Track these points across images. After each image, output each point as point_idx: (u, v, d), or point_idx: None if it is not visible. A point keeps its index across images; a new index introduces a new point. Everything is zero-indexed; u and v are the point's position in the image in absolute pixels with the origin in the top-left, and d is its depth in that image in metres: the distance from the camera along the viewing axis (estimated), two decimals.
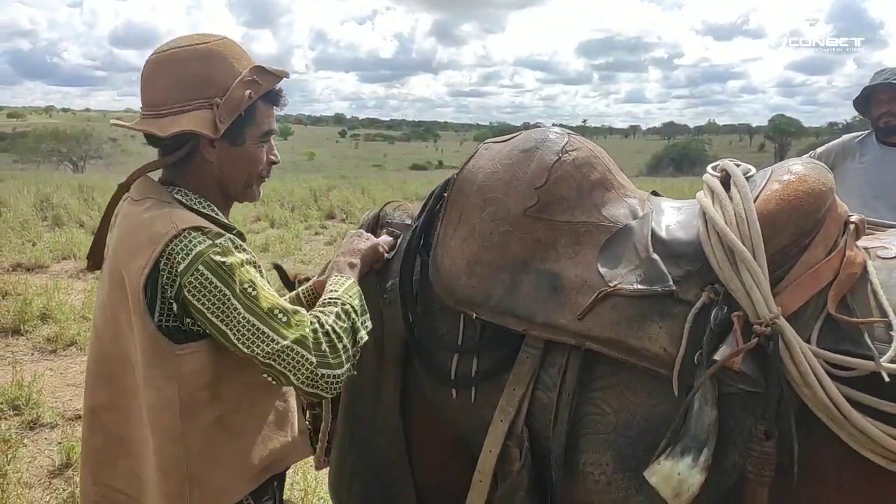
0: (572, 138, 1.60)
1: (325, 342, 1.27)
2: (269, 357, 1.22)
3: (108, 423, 1.33)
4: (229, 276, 1.22)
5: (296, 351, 1.23)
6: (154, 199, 1.31)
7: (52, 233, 9.59)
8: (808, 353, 1.20)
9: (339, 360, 1.28)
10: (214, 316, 1.21)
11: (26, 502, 3.00)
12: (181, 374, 1.24)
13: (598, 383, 1.37)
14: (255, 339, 1.22)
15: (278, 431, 1.41)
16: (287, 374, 1.23)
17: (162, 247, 1.22)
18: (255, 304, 1.23)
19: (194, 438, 1.26)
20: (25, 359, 4.82)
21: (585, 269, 1.43)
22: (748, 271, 1.26)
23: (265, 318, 1.23)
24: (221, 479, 1.31)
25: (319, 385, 1.25)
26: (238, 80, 1.33)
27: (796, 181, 1.36)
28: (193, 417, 1.26)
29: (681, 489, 1.19)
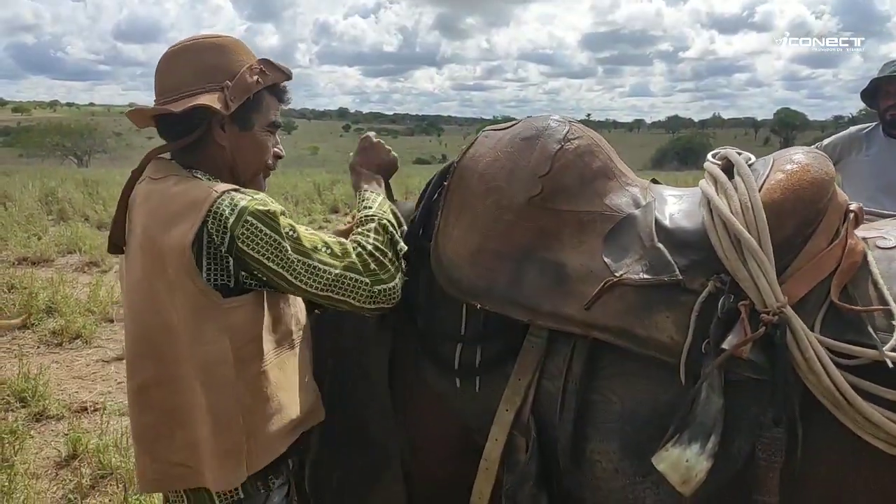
0: (573, 126, 1.59)
1: (371, 261, 1.38)
2: (326, 289, 1.33)
3: (158, 398, 1.35)
4: (275, 222, 1.31)
5: (349, 277, 1.35)
6: (177, 176, 1.38)
7: (58, 227, 9.63)
8: (813, 341, 1.21)
9: (389, 274, 1.40)
10: (270, 261, 1.29)
11: (33, 493, 3.02)
12: (231, 326, 1.31)
13: (604, 372, 1.38)
14: (310, 275, 1.32)
15: (305, 390, 1.47)
16: (347, 299, 1.35)
17: (206, 209, 1.28)
18: (300, 244, 1.32)
19: (245, 392, 1.32)
20: (32, 351, 4.85)
21: (590, 259, 1.43)
22: (755, 260, 1.26)
23: (311, 255, 1.33)
24: (268, 433, 1.35)
25: (379, 300, 1.38)
26: (247, 67, 1.43)
27: (800, 171, 1.37)
28: (244, 370, 1.32)
29: (689, 476, 1.21)
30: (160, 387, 1.35)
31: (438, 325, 1.55)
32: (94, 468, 3.24)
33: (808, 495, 1.25)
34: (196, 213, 1.27)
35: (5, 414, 3.81)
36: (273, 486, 1.43)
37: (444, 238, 1.55)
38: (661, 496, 1.30)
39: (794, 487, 1.23)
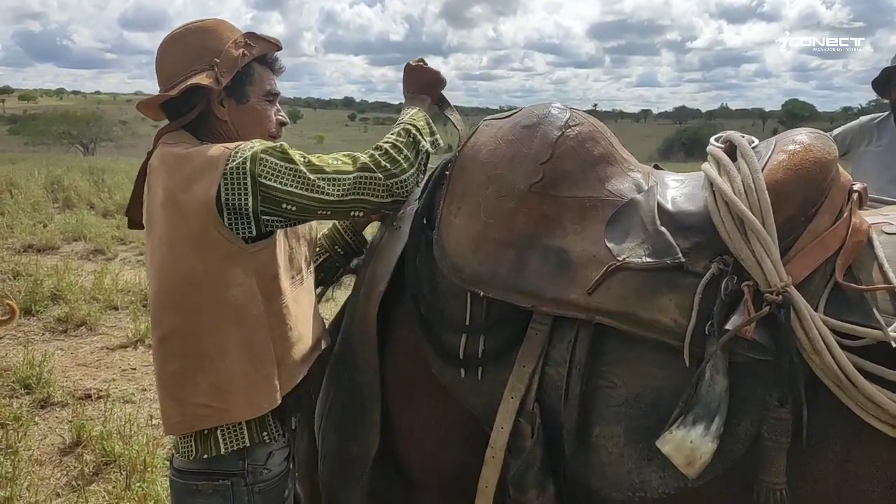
0: (574, 113, 1.59)
1: (382, 159, 1.50)
2: (349, 193, 1.44)
3: (181, 347, 1.43)
4: (286, 154, 1.41)
5: (364, 176, 1.47)
6: (188, 142, 1.48)
7: (63, 214, 9.66)
8: (817, 322, 1.20)
9: (400, 168, 1.52)
10: (296, 187, 1.40)
11: (37, 479, 3.04)
12: (257, 268, 1.42)
13: (608, 357, 1.38)
14: (332, 185, 1.43)
15: (315, 318, 1.62)
16: (367, 197, 1.47)
17: (223, 165, 1.37)
18: (313, 165, 1.43)
19: (275, 324, 1.45)
20: (37, 338, 4.87)
21: (593, 244, 1.43)
22: (758, 241, 1.26)
23: (326, 169, 1.44)
24: (293, 359, 1.49)
25: (394, 192, 1.51)
26: (231, 42, 1.52)
27: (802, 151, 1.37)
28: (270, 305, 1.44)
29: (693, 457, 1.21)
30: (182, 336, 1.42)
31: (442, 316, 1.55)
32: (97, 455, 3.26)
33: (814, 478, 1.24)
34: (215, 170, 1.37)
35: (10, 400, 3.83)
36: (277, 439, 1.49)
37: (446, 227, 1.55)
38: (667, 479, 1.29)
39: (800, 469, 1.23)
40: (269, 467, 1.47)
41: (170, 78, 1.50)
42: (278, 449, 1.51)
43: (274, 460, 1.48)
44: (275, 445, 1.49)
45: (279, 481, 1.49)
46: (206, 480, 1.42)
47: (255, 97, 1.55)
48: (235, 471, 1.43)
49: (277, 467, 1.49)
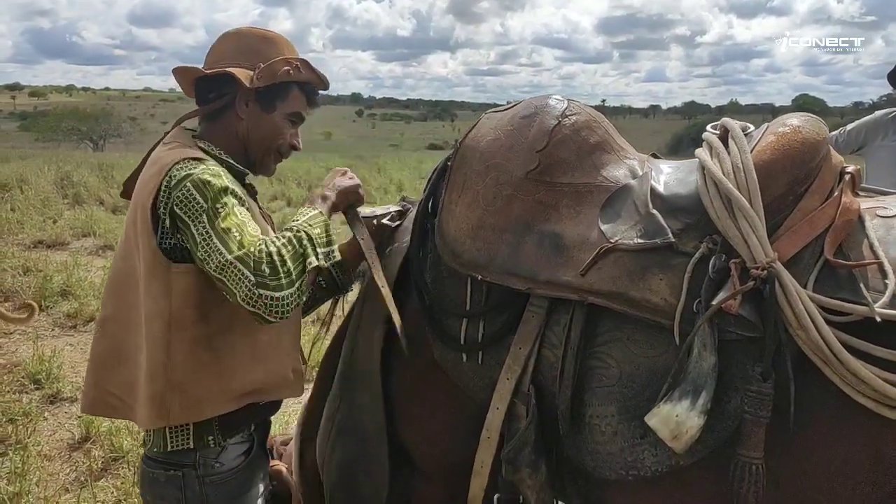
0: (572, 103, 1.63)
1: (265, 262, 1.32)
2: (218, 270, 1.33)
3: (112, 332, 1.49)
4: (207, 193, 1.36)
5: (237, 267, 1.31)
6: (180, 143, 1.50)
7: (73, 210, 9.70)
8: (803, 296, 1.22)
9: (278, 283, 1.32)
10: (193, 227, 1.35)
11: (46, 475, 3.06)
12: (173, 289, 1.39)
13: (601, 338, 1.40)
14: (210, 251, 1.33)
15: (263, 362, 1.52)
16: (232, 289, 1.32)
17: (166, 172, 1.39)
18: (219, 219, 1.35)
19: (178, 349, 1.40)
20: (46, 334, 4.89)
21: (587, 228, 1.46)
22: (745, 219, 1.28)
23: (221, 233, 1.34)
24: (201, 391, 1.42)
25: (258, 305, 1.31)
26: (283, 58, 1.57)
27: (791, 132, 1.39)
28: (180, 330, 1.40)
29: (679, 431, 1.22)
30: (115, 323, 1.48)
31: (444, 302, 1.59)
32: (105, 451, 3.27)
33: (798, 454, 1.25)
34: (159, 176, 1.39)
35: (20, 396, 3.85)
36: (226, 444, 1.50)
37: (447, 215, 1.60)
38: (660, 457, 1.31)
39: (785, 446, 1.24)
40: (222, 461, 1.50)
41: (214, 62, 1.57)
42: (234, 444, 1.52)
43: (227, 454, 1.51)
44: (226, 446, 1.51)
45: (235, 474, 1.52)
46: (162, 469, 1.48)
47: (280, 112, 1.59)
48: (188, 462, 1.47)
49: (232, 461, 1.51)
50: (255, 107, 1.56)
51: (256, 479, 1.59)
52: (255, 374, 1.50)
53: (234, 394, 1.47)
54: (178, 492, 1.46)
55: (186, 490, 1.46)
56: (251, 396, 1.51)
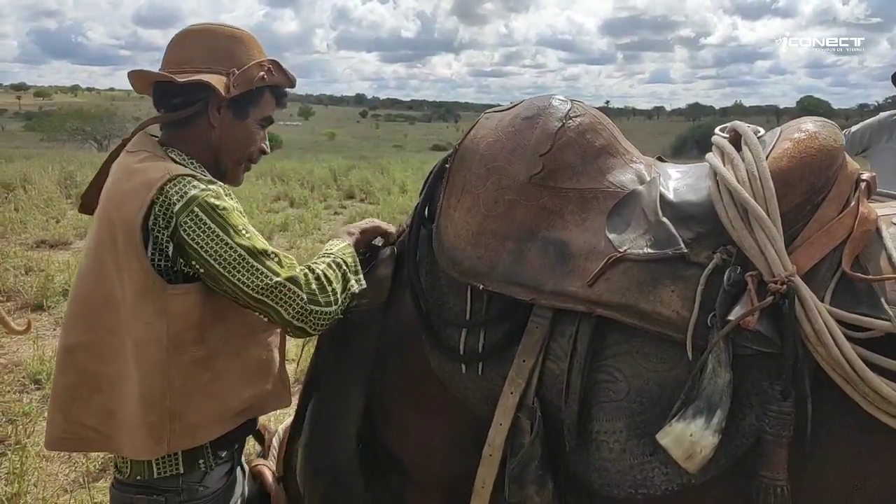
0: (576, 105, 1.57)
1: (314, 283, 1.39)
2: (262, 292, 1.32)
3: (83, 361, 1.38)
4: (224, 219, 1.32)
5: (288, 287, 1.34)
6: (149, 152, 1.42)
7: (76, 210, 9.70)
8: (823, 312, 1.17)
9: (327, 300, 1.40)
10: (209, 255, 1.30)
11: (45, 475, 3.05)
12: (170, 311, 1.33)
13: (609, 350, 1.35)
14: (249, 274, 1.31)
15: (258, 379, 1.49)
16: (279, 308, 1.34)
17: (157, 190, 1.31)
18: (251, 242, 1.34)
19: (177, 374, 1.35)
20: (47, 334, 4.88)
21: (593, 236, 1.40)
22: (762, 229, 1.23)
23: (259, 256, 1.33)
24: (199, 416, 1.38)
25: (308, 320, 1.37)
26: (256, 62, 1.51)
27: (807, 139, 1.34)
28: (178, 354, 1.34)
29: (693, 451, 1.18)
30: (88, 351, 1.38)
31: (442, 311, 1.53)
32: (104, 452, 3.25)
33: (819, 475, 1.21)
34: (147, 194, 1.30)
35: (20, 396, 3.84)
36: (213, 465, 1.46)
37: (445, 220, 1.53)
38: (670, 475, 1.26)
39: (805, 466, 1.20)
40: (207, 484, 1.45)
41: (181, 62, 1.46)
42: (219, 465, 1.48)
43: (212, 477, 1.46)
44: (214, 467, 1.47)
45: (218, 496, 1.48)
46: (142, 495, 1.41)
47: (253, 119, 1.54)
48: (171, 488, 1.41)
49: (216, 483, 1.47)
50: (228, 114, 1.49)
51: (235, 497, 1.55)
52: (249, 391, 1.47)
53: (230, 413, 1.45)
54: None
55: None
56: (245, 414, 1.49)
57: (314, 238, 8.69)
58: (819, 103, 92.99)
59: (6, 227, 8.15)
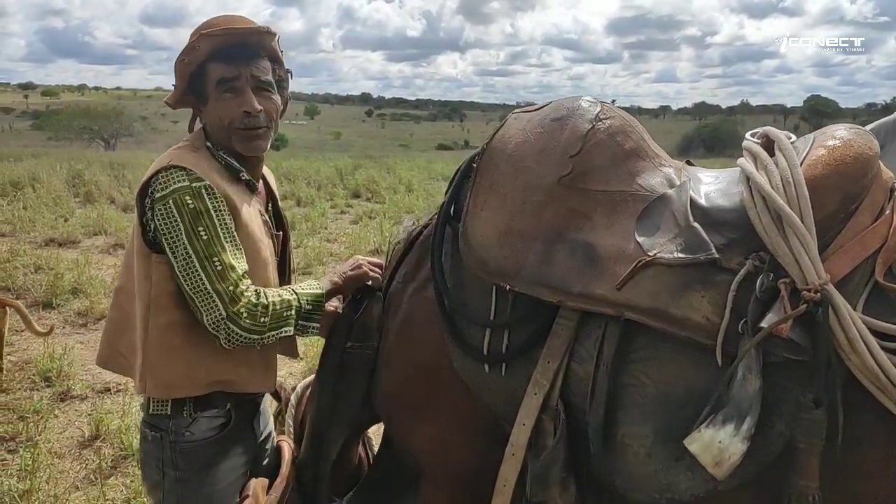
0: (605, 107, 1.57)
1: (247, 307, 1.47)
2: (192, 291, 1.47)
3: (123, 301, 1.61)
4: (189, 217, 1.46)
5: (213, 298, 1.46)
6: (187, 142, 1.62)
7: (84, 209, 9.75)
8: (857, 321, 1.17)
9: (250, 326, 1.48)
10: (167, 243, 1.47)
11: (56, 472, 3.06)
12: (153, 275, 1.51)
13: (636, 355, 1.34)
14: (189, 272, 1.46)
15: (232, 356, 1.57)
16: (202, 311, 1.47)
17: (151, 175, 1.50)
18: (201, 246, 1.46)
19: (154, 332, 1.52)
20: (57, 332, 4.89)
21: (622, 239, 1.39)
22: (796, 237, 1.22)
23: (203, 260, 1.45)
24: (170, 375, 1.54)
25: (221, 333, 1.47)
26: (181, 52, 1.57)
27: (842, 146, 1.33)
28: (156, 315, 1.52)
29: (721, 458, 1.17)
30: (125, 294, 1.60)
31: (467, 310, 1.53)
32: (115, 449, 3.27)
33: (852, 483, 1.22)
34: (149, 176, 1.51)
35: (31, 393, 3.86)
36: (198, 416, 1.59)
37: (472, 220, 1.53)
38: (696, 481, 1.26)
39: (837, 474, 1.20)
40: (192, 430, 1.58)
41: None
42: (206, 417, 1.60)
43: (199, 426, 1.59)
44: (201, 413, 1.59)
45: (204, 446, 1.59)
46: (148, 430, 1.61)
47: (212, 93, 1.57)
48: (164, 427, 1.58)
49: (202, 433, 1.59)
50: (200, 106, 1.61)
51: (230, 455, 1.64)
52: (223, 366, 1.57)
53: (201, 381, 1.56)
54: (159, 451, 1.59)
55: (163, 451, 1.58)
56: (218, 385, 1.59)
57: (321, 237, 8.71)
58: (826, 102, 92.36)
59: (15, 225, 8.20)
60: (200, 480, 1.59)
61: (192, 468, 1.58)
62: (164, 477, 1.58)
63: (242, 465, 1.67)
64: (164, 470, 1.58)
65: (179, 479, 1.58)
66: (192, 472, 1.58)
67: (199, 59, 1.54)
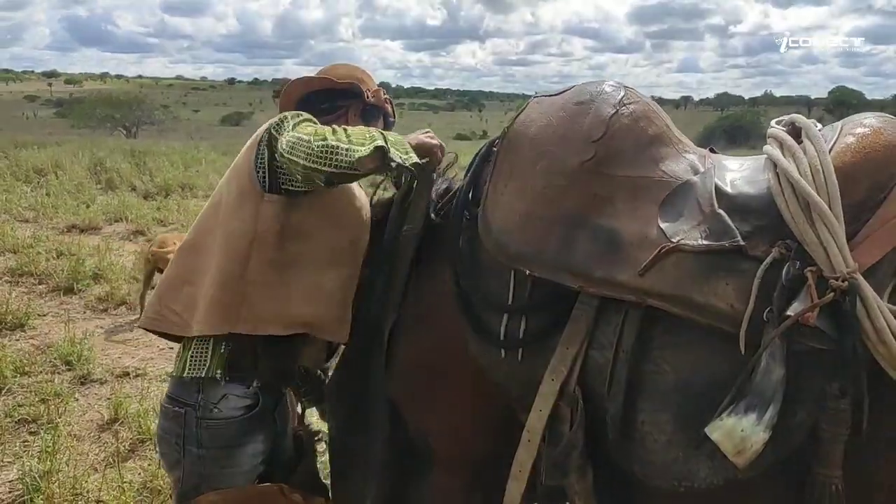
0: (629, 91, 1.54)
1: (323, 138, 1.49)
2: (287, 146, 1.51)
3: (185, 257, 1.68)
4: (291, 122, 1.59)
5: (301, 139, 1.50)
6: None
7: (105, 196, 9.86)
8: (885, 311, 1.15)
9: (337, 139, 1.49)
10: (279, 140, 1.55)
11: (76, 454, 3.10)
12: (261, 213, 1.58)
13: (657, 342, 1.33)
14: (282, 135, 1.56)
15: (319, 304, 1.66)
16: (297, 160, 1.49)
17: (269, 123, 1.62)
18: (318, 134, 1.50)
19: (255, 266, 1.58)
20: (78, 317, 4.98)
21: (645, 225, 1.38)
22: (824, 224, 1.20)
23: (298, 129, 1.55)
24: (262, 309, 1.59)
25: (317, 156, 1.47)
26: (378, 89, 1.95)
27: (871, 134, 1.31)
28: (259, 251, 1.58)
29: (743, 446, 1.16)
30: (190, 250, 1.67)
31: (484, 295, 1.52)
32: (133, 432, 3.31)
33: (874, 473, 1.20)
34: (265, 127, 1.63)
35: (52, 377, 3.91)
36: (230, 386, 1.61)
37: (492, 204, 1.52)
38: (716, 469, 1.24)
39: (859, 463, 1.18)
40: (220, 408, 1.60)
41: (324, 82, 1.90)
42: (235, 395, 1.62)
43: (227, 403, 1.61)
44: (231, 389, 1.61)
45: (229, 424, 1.61)
46: (170, 405, 1.62)
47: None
48: (191, 402, 1.60)
49: (230, 411, 1.61)
50: (358, 121, 1.85)
51: (253, 439, 1.65)
52: (309, 309, 1.64)
53: (288, 320, 1.62)
54: (179, 428, 1.60)
55: (186, 428, 1.59)
56: (304, 327, 1.65)
57: None
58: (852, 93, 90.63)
59: (38, 211, 8.32)
60: (222, 460, 1.61)
61: (215, 446, 1.60)
62: (185, 454, 1.60)
63: (262, 454, 1.68)
64: (185, 447, 1.60)
65: (201, 457, 1.59)
66: (215, 449, 1.60)
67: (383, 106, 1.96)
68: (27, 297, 5.22)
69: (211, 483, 1.60)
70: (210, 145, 17.76)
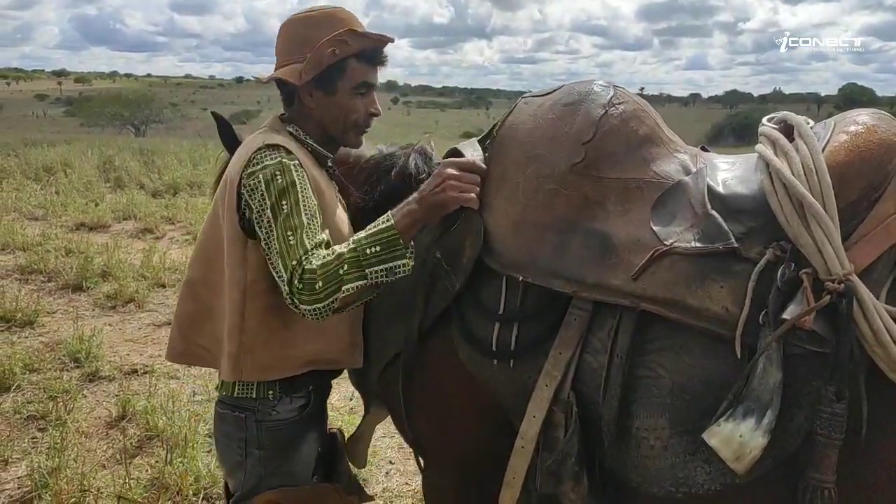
0: (618, 91, 1.52)
1: (300, 279, 1.40)
2: (270, 260, 1.46)
3: (200, 293, 1.65)
4: (275, 191, 1.45)
5: (283, 276, 1.42)
6: (268, 127, 1.65)
7: (114, 194, 9.90)
8: (881, 312, 1.13)
9: (308, 297, 1.39)
10: (255, 219, 1.47)
11: (84, 450, 3.12)
12: (249, 261, 1.53)
13: (651, 346, 1.31)
14: (269, 248, 1.45)
15: (326, 337, 1.63)
16: (279, 281, 1.44)
17: (250, 156, 1.50)
18: (281, 219, 1.43)
19: (251, 316, 1.55)
20: (86, 314, 5.00)
21: (638, 228, 1.36)
22: (819, 226, 1.19)
23: (281, 233, 1.43)
24: (268, 357, 1.57)
25: (298, 308, 1.42)
26: (326, 40, 1.55)
27: (865, 132, 1.28)
28: (253, 299, 1.54)
29: (742, 452, 1.15)
30: (204, 285, 1.64)
31: (475, 303, 1.50)
32: (141, 429, 3.33)
33: (871, 478, 1.19)
34: (245, 157, 1.51)
35: (60, 373, 3.93)
36: (279, 398, 1.61)
37: (484, 210, 1.50)
38: (713, 474, 1.24)
39: (857, 468, 1.17)
40: (278, 410, 1.61)
41: (277, 60, 1.64)
42: (289, 400, 1.64)
43: (283, 405, 1.62)
44: (279, 400, 1.62)
45: (287, 425, 1.63)
46: (229, 411, 1.63)
47: (343, 90, 1.59)
48: (250, 407, 1.61)
49: (286, 413, 1.62)
50: (318, 93, 1.60)
51: (309, 435, 1.68)
52: (317, 345, 1.62)
53: (296, 361, 1.60)
54: (241, 431, 1.61)
55: (247, 431, 1.61)
56: (311, 364, 1.63)
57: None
58: (862, 91, 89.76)
59: (48, 209, 8.36)
60: (282, 459, 1.63)
61: (276, 446, 1.62)
62: (248, 456, 1.62)
63: (315, 450, 1.70)
64: (247, 449, 1.62)
65: (262, 459, 1.62)
66: (275, 450, 1.62)
67: (344, 54, 1.56)
68: (36, 294, 5.25)
69: (269, 483, 1.62)
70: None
